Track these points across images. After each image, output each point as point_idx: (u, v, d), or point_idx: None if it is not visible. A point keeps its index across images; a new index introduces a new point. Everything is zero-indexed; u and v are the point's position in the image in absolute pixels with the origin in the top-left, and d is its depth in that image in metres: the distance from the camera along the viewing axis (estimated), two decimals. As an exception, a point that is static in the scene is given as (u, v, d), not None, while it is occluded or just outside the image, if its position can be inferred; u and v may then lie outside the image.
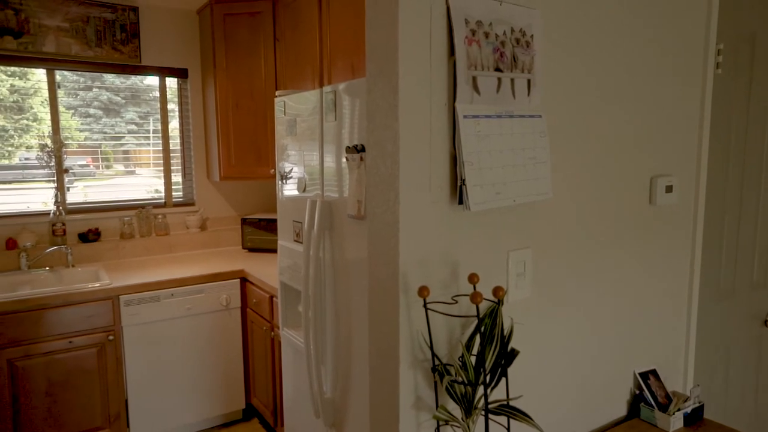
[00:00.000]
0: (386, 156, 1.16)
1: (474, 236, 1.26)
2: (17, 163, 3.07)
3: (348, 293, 1.83)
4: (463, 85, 1.17)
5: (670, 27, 1.58)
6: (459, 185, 1.18)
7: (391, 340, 1.19)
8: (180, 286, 2.87)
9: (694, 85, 1.67)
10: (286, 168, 2.18)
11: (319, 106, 1.91)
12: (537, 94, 1.30)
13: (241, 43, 3.14)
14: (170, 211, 3.49)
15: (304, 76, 2.80)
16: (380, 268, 1.21)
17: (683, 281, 1.75)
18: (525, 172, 1.30)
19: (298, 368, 2.26)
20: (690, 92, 1.67)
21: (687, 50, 1.64)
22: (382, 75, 1.15)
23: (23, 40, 2.91)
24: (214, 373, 3.03)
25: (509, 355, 1.15)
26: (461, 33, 1.15)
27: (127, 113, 3.34)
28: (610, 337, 1.57)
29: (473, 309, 1.28)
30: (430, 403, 1.24)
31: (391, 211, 1.16)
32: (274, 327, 2.70)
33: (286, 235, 2.25)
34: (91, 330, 2.67)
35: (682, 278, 1.75)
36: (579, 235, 1.45)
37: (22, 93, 3.02)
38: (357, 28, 2.34)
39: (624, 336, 1.60)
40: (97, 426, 2.73)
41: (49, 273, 3.00)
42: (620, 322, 1.59)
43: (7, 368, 2.48)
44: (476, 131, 1.20)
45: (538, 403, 1.43)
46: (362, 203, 1.64)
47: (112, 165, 3.35)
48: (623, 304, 1.59)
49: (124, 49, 3.19)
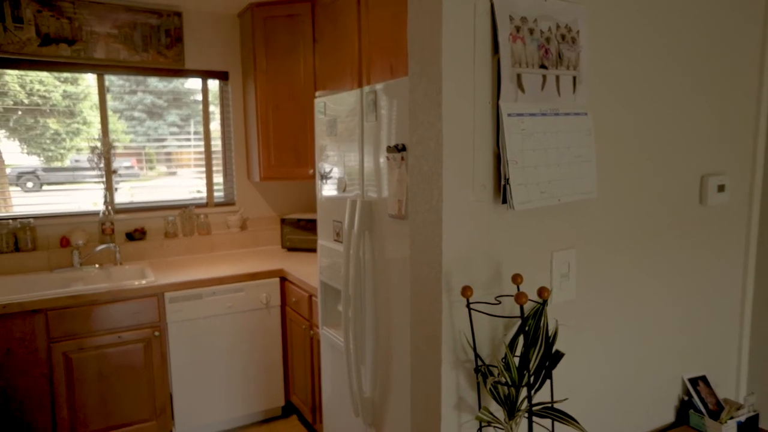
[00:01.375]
0: (429, 155, 1.15)
1: (517, 236, 1.24)
2: (68, 165, 3.21)
3: (388, 293, 1.84)
4: (507, 83, 1.16)
5: (725, 18, 1.52)
6: (503, 184, 1.17)
7: (434, 340, 1.19)
8: (221, 284, 2.93)
9: (748, 78, 1.61)
10: (326, 168, 2.20)
11: (359, 106, 1.93)
12: (583, 92, 1.28)
13: (281, 45, 3.19)
14: (212, 211, 3.57)
15: (343, 76, 2.82)
16: (422, 267, 1.21)
17: (736, 284, 1.69)
18: (570, 171, 1.27)
19: (337, 367, 2.28)
20: (744, 86, 1.60)
21: (742, 42, 1.58)
22: (426, 74, 1.15)
23: (76, 47, 3.03)
24: (255, 370, 3.08)
25: (554, 356, 1.13)
26: (505, 30, 1.14)
27: (169, 116, 3.43)
28: (657, 342, 1.52)
29: (516, 309, 1.26)
30: (472, 404, 1.23)
31: (434, 210, 1.15)
32: (313, 326, 2.72)
33: (326, 234, 2.27)
34: (138, 326, 2.75)
35: (734, 281, 1.68)
36: (625, 236, 1.41)
37: (73, 98, 3.15)
38: (396, 29, 2.34)
39: (672, 340, 1.55)
40: (144, 418, 2.82)
41: (99, 270, 3.12)
42: (668, 326, 1.54)
43: (63, 360, 2.59)
44: (520, 129, 1.18)
45: (582, 406, 1.40)
46: (403, 203, 1.64)
47: (155, 166, 3.46)
48: (671, 308, 1.54)
49: (168, 53, 3.29)
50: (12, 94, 3.01)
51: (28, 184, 3.13)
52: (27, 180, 3.13)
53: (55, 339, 2.57)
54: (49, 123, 3.11)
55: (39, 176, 3.15)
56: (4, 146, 3.03)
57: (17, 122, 3.05)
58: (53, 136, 3.14)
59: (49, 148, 3.14)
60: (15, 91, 3.01)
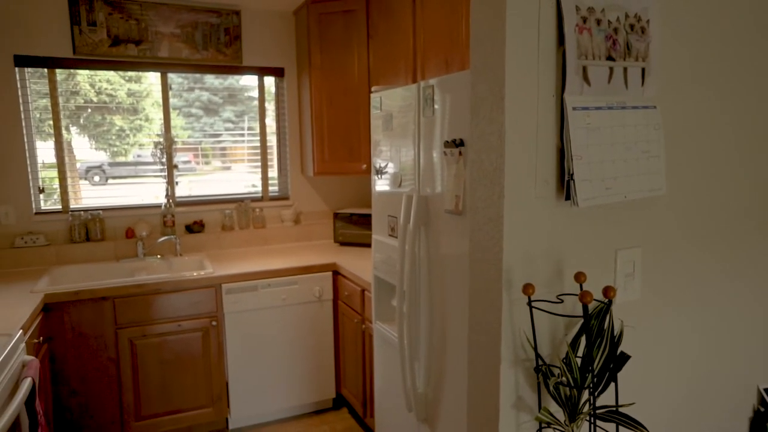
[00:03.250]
0: (491, 150, 1.13)
1: (580, 233, 1.21)
2: (131, 160, 3.36)
3: (443, 288, 1.82)
4: (572, 76, 1.12)
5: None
6: (567, 180, 1.14)
7: (493, 338, 1.17)
8: (276, 277, 3.00)
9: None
10: (381, 163, 2.21)
11: (416, 101, 1.92)
12: (652, 84, 1.22)
13: (335, 40, 3.22)
14: (266, 205, 3.66)
15: (397, 71, 2.82)
16: (482, 264, 1.19)
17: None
18: (637, 167, 1.22)
19: (389, 361, 2.29)
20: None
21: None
22: (488, 67, 1.13)
23: (142, 47, 3.17)
24: (307, 362, 3.14)
25: (619, 358, 1.09)
26: (572, 21, 1.11)
27: (224, 112, 3.54)
28: (731, 347, 1.44)
29: (577, 308, 1.23)
30: (531, 404, 1.21)
31: (494, 206, 1.14)
32: (365, 320, 2.75)
33: (380, 229, 2.28)
34: (197, 315, 2.86)
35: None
36: (696, 235, 1.35)
37: (136, 96, 3.29)
38: (452, 23, 2.31)
39: (747, 348, 1.47)
40: (202, 404, 2.92)
41: (161, 261, 3.25)
42: (743, 330, 1.46)
43: (128, 346, 2.72)
44: (586, 124, 1.15)
45: (647, 412, 1.34)
46: (460, 198, 1.62)
47: (210, 161, 3.57)
48: (746, 313, 1.45)
49: (227, 50, 3.38)
50: (83, 93, 3.17)
51: (95, 178, 3.30)
52: (94, 174, 3.30)
53: (122, 325, 2.70)
54: (115, 120, 3.27)
55: (105, 170, 3.32)
56: (75, 142, 3.21)
57: (87, 119, 3.22)
58: (118, 132, 3.29)
59: (114, 144, 3.30)
60: (85, 90, 3.18)
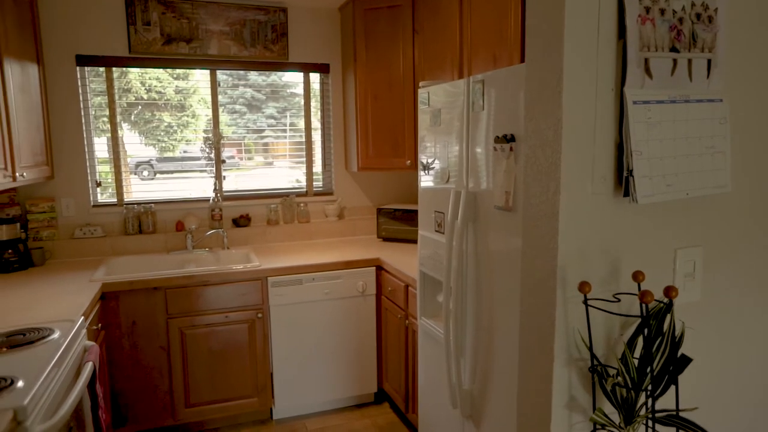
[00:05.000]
0: (546, 145, 1.11)
1: (638, 231, 1.17)
2: (178, 156, 3.46)
3: (491, 285, 1.81)
4: (633, 69, 1.09)
5: None
6: (625, 176, 1.11)
7: (546, 336, 1.16)
8: (320, 271, 3.03)
9: None
10: (428, 158, 2.20)
11: (465, 97, 1.90)
12: (718, 76, 1.17)
13: (381, 36, 3.22)
14: (311, 200, 3.70)
15: (443, 67, 2.80)
16: (535, 261, 1.17)
17: None
18: (701, 163, 1.18)
19: (434, 357, 2.28)
20: None
21: None
22: (545, 60, 1.10)
23: (193, 44, 3.26)
24: (349, 356, 3.17)
25: (680, 361, 1.05)
26: (634, 11, 1.07)
27: (267, 109, 3.59)
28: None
29: (634, 308, 1.19)
30: (584, 405, 1.18)
31: (549, 203, 1.11)
32: (409, 315, 2.75)
33: (426, 225, 2.27)
34: (244, 307, 2.92)
35: None
36: (761, 236, 1.29)
37: (184, 93, 3.39)
38: (499, 18, 2.28)
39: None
40: (247, 394, 2.99)
41: (209, 253, 3.34)
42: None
43: (179, 335, 2.81)
44: (647, 118, 1.11)
45: (709, 417, 1.30)
46: (511, 194, 1.60)
47: (253, 156, 3.64)
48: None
49: (274, 47, 3.44)
50: (134, 90, 3.29)
51: (144, 172, 3.42)
52: (143, 169, 3.42)
53: (172, 315, 2.79)
54: (164, 116, 3.37)
55: (153, 165, 3.43)
56: (126, 138, 3.32)
57: (137, 116, 3.33)
58: (166, 128, 3.40)
59: (162, 140, 3.41)
60: (137, 87, 3.29)
